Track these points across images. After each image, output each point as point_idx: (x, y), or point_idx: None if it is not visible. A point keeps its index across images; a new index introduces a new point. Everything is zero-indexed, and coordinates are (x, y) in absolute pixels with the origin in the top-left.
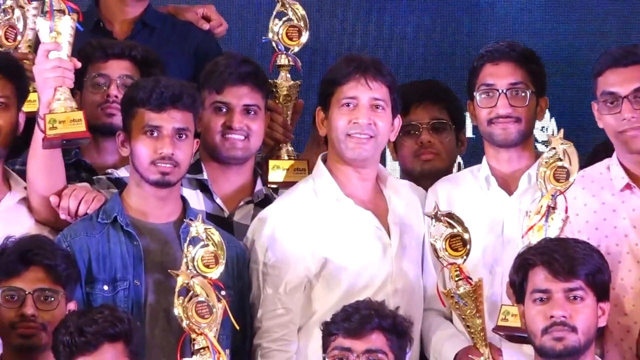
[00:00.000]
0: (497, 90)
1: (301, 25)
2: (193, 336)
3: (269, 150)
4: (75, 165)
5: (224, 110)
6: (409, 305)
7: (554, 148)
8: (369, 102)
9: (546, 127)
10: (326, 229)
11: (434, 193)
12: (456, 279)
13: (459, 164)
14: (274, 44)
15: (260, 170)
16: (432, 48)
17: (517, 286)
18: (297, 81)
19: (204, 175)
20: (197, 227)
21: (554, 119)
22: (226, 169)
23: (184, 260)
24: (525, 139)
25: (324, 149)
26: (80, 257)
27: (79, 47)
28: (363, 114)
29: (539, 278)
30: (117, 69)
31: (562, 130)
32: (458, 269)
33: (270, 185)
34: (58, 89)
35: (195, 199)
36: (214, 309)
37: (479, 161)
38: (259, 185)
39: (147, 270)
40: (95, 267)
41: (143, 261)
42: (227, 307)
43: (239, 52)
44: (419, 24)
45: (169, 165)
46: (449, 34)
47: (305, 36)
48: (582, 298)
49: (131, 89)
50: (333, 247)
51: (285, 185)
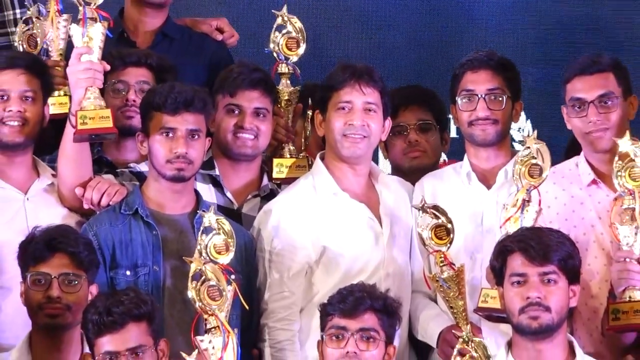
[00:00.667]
0: (477, 95)
1: (299, 37)
2: (205, 317)
3: (273, 149)
4: (97, 161)
5: (236, 112)
6: (399, 288)
7: (529, 147)
8: (362, 106)
9: (522, 128)
10: (324, 220)
11: (421, 187)
12: (441, 264)
13: (443, 160)
14: (275, 54)
15: (265, 167)
16: (419, 58)
17: (497, 271)
18: (297, 87)
19: (216, 171)
20: (210, 218)
21: (529, 121)
22: (236, 165)
23: (198, 248)
24: (502, 139)
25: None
26: (105, 245)
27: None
28: (357, 116)
29: (517, 263)
30: (135, 76)
31: (536, 131)
32: (442, 255)
33: (275, 181)
34: (89, 89)
35: (208, 192)
36: (224, 292)
37: (461, 158)
38: (265, 180)
39: (165, 257)
40: (119, 254)
41: (161, 249)
42: (238, 290)
43: (247, 60)
44: (407, 37)
45: (183, 162)
46: (433, 46)
47: (303, 47)
48: (555, 281)
49: (148, 94)
50: (331, 236)
51: (287, 181)
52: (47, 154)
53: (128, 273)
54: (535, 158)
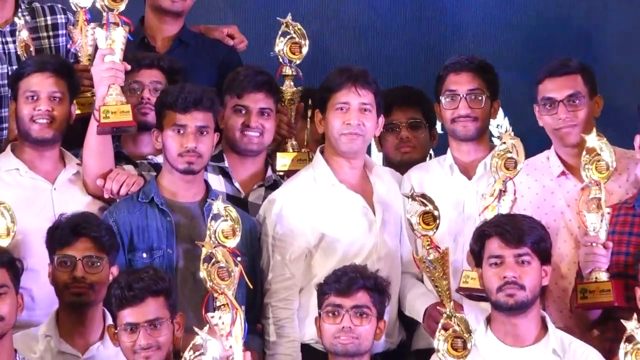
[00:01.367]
0: (459, 95)
1: (302, 42)
2: (215, 295)
3: (277, 144)
4: (115, 155)
5: (243, 112)
6: (390, 269)
7: (505, 142)
8: (358, 106)
9: (501, 125)
10: (323, 209)
11: (408, 178)
12: (427, 247)
13: (430, 154)
14: (279, 58)
15: (270, 160)
16: (410, 61)
17: (476, 253)
18: (299, 88)
19: (225, 164)
20: (218, 206)
21: (507, 118)
22: (243, 159)
23: (208, 233)
24: (482, 135)
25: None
26: (124, 230)
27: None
28: (354, 116)
29: (494, 246)
30: (148, 77)
31: (511, 128)
32: (429, 239)
33: (278, 173)
34: (111, 86)
35: (218, 182)
36: (232, 273)
37: (445, 152)
38: (269, 172)
39: (178, 241)
40: (136, 239)
41: (174, 234)
42: (243, 271)
43: (256, 64)
44: (400, 43)
45: (193, 156)
46: (423, 51)
47: (305, 51)
48: (529, 262)
49: (162, 94)
50: (329, 223)
51: (290, 173)
52: (77, 148)
53: (144, 255)
54: (510, 152)
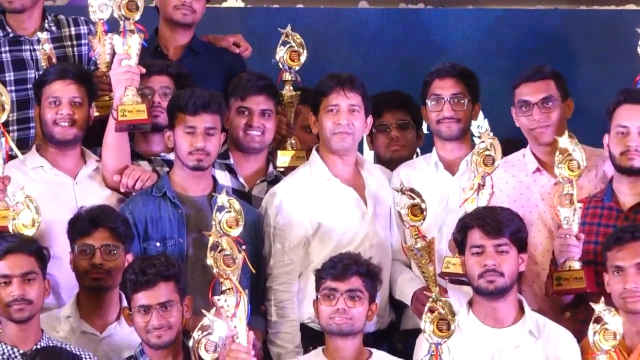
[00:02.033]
0: (443, 98)
1: (300, 50)
2: (221, 280)
3: (277, 142)
4: (131, 152)
5: (246, 113)
6: (380, 256)
7: (484, 141)
8: (347, 108)
9: (480, 125)
10: (319, 201)
11: (397, 174)
12: (415, 237)
13: (416, 153)
14: (280, 65)
15: (271, 157)
16: (398, 68)
17: (459, 243)
18: (298, 92)
19: (231, 161)
20: (222, 199)
21: (486, 120)
22: (247, 156)
23: (213, 223)
24: (464, 134)
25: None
26: (139, 221)
27: None
28: (343, 117)
29: (475, 237)
30: (159, 82)
31: (489, 128)
32: (417, 230)
33: (279, 169)
34: (128, 88)
35: (224, 178)
36: (236, 260)
37: (430, 151)
38: (271, 168)
39: (188, 231)
40: (150, 229)
41: (185, 224)
42: (246, 258)
43: (258, 70)
44: (388, 51)
45: (201, 154)
46: (410, 58)
47: (303, 58)
48: (507, 251)
49: (174, 98)
50: (325, 214)
51: (290, 169)
52: (96, 146)
53: (158, 244)
54: (489, 150)
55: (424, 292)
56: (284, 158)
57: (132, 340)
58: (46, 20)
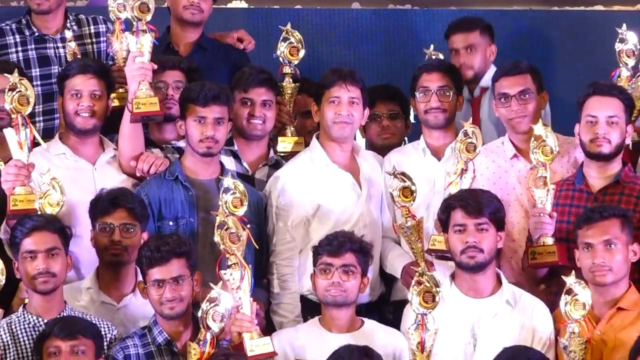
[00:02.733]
0: (431, 90)
1: (299, 46)
2: (227, 256)
3: (278, 130)
4: (145, 140)
5: (249, 103)
6: (373, 234)
7: (466, 130)
8: (347, 100)
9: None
10: (319, 184)
11: (388, 160)
12: (406, 216)
13: (404, 140)
14: (280, 59)
15: (272, 143)
16: (389, 63)
17: (443, 222)
18: (297, 84)
19: (235, 147)
20: (228, 181)
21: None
22: (250, 143)
23: (220, 204)
24: (449, 123)
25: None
26: (154, 202)
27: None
28: (344, 108)
29: (458, 216)
30: (171, 77)
31: (472, 118)
32: (407, 210)
33: (279, 154)
34: (141, 82)
35: (229, 163)
36: (241, 237)
37: (418, 138)
38: (272, 153)
39: (198, 211)
40: (164, 209)
41: (195, 205)
42: (250, 235)
43: (260, 65)
44: (381, 48)
45: (211, 142)
46: (400, 54)
47: (302, 54)
48: (487, 229)
49: (185, 90)
50: (323, 196)
51: (290, 154)
52: (114, 134)
53: (171, 223)
54: (471, 138)
55: (411, 267)
56: (284, 144)
57: (146, 311)
58: (68, 20)
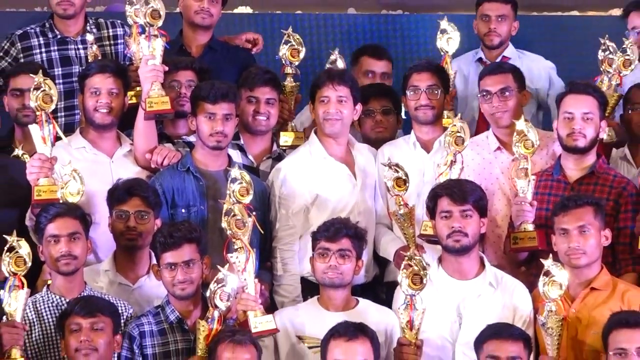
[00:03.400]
0: (420, 89)
1: (300, 48)
2: (234, 240)
3: (280, 125)
4: (160, 135)
5: (254, 101)
6: (367, 221)
7: (455, 125)
8: (336, 99)
9: None
10: (317, 176)
11: (382, 152)
12: (399, 204)
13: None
14: (282, 60)
15: (275, 137)
16: None
17: (431, 209)
18: (297, 83)
19: (241, 141)
20: (235, 172)
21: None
22: (255, 137)
23: (228, 193)
24: (438, 119)
25: None
26: (167, 191)
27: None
28: (332, 107)
29: (444, 203)
30: (184, 76)
31: (460, 114)
32: (400, 198)
33: (281, 147)
34: (154, 83)
35: (236, 155)
36: (246, 223)
37: (409, 133)
38: (275, 147)
39: (208, 200)
40: (177, 198)
41: (205, 194)
42: (255, 221)
43: (265, 65)
44: None
45: (220, 136)
46: (392, 55)
47: (302, 55)
48: (471, 215)
49: (196, 89)
50: (321, 186)
51: (291, 148)
52: (130, 129)
53: (183, 211)
54: (459, 132)
55: (402, 252)
56: (285, 138)
57: (160, 292)
58: (88, 23)
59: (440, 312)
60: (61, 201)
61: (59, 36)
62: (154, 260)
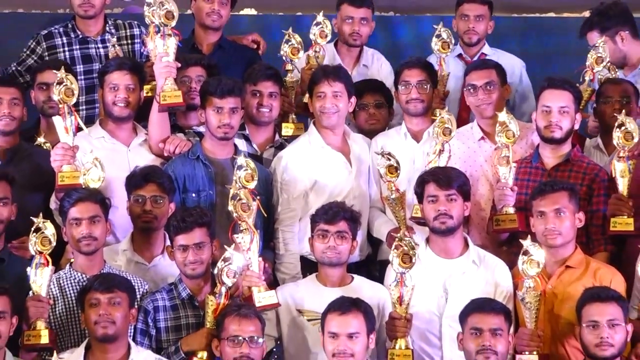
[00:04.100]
0: (411, 84)
1: (299, 47)
2: (239, 222)
3: (281, 117)
4: (172, 126)
5: (258, 94)
6: (361, 205)
7: (443, 117)
8: (331, 94)
9: None
10: (315, 163)
11: (375, 142)
12: (391, 190)
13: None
14: (284, 58)
15: (277, 128)
16: None
17: (418, 194)
18: (297, 78)
19: (246, 132)
20: (240, 160)
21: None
22: (259, 128)
23: (234, 179)
24: (427, 112)
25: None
26: (179, 177)
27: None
28: (328, 101)
29: (431, 189)
30: (194, 72)
31: (447, 107)
32: (392, 184)
33: (283, 137)
34: (167, 78)
35: (242, 144)
36: (251, 207)
37: (401, 124)
38: (277, 137)
39: (216, 185)
40: (188, 183)
41: (214, 180)
42: (259, 205)
43: (268, 62)
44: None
45: (227, 128)
46: (386, 53)
47: (302, 53)
48: (455, 199)
49: (205, 84)
50: (319, 173)
51: (292, 138)
52: (145, 120)
53: (194, 196)
54: (447, 123)
55: (392, 234)
56: (287, 129)
57: (173, 271)
58: (107, 24)
59: (428, 288)
60: (83, 187)
61: (80, 36)
62: (168, 242)
